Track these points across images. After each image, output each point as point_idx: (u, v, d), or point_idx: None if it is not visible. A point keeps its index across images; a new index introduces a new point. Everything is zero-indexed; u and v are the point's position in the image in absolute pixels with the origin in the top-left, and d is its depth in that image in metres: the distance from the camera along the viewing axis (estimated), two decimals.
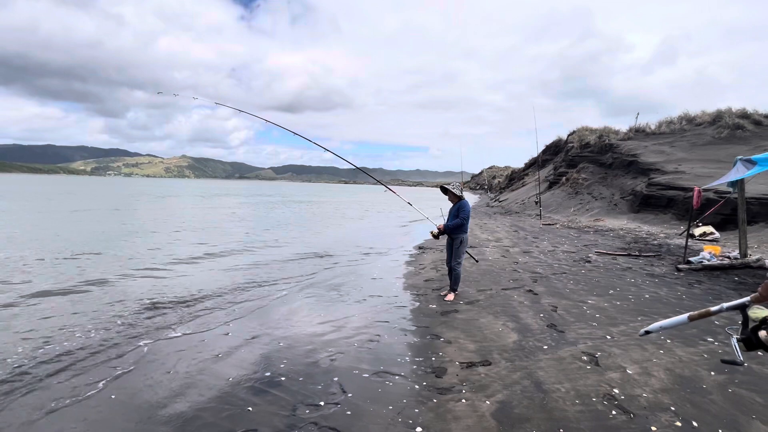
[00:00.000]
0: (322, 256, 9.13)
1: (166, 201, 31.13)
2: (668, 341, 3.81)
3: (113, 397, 2.92)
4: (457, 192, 5.20)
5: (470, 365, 3.38)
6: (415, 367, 3.37)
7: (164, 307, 5.13)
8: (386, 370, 3.31)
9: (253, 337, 4.11)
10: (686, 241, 7.08)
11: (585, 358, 3.46)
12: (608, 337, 3.94)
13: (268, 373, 3.28)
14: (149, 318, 4.73)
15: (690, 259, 6.92)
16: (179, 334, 4.23)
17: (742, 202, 6.77)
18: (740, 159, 6.52)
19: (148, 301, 5.36)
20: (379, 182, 6.89)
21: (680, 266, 6.68)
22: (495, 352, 3.62)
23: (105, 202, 27.44)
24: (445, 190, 5.36)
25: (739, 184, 6.68)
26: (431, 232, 5.40)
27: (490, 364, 3.38)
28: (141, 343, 3.93)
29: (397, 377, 3.19)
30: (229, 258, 8.83)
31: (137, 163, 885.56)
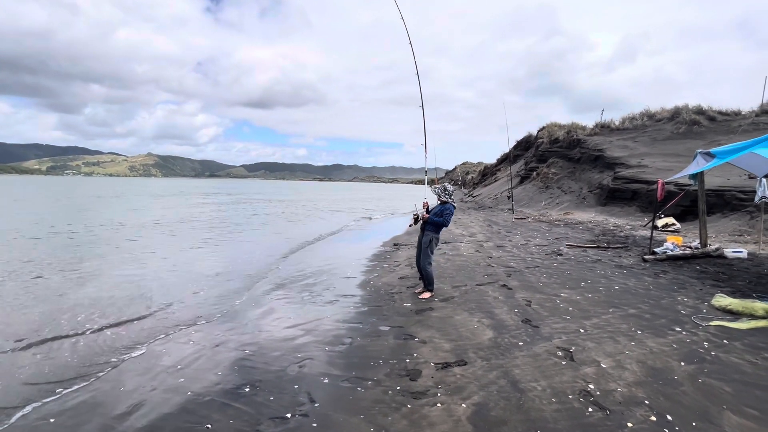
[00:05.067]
0: (292, 255, 8.85)
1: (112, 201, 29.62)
2: (639, 332, 3.85)
3: (53, 421, 2.61)
4: (435, 193, 5.21)
5: (445, 366, 3.27)
6: (388, 370, 3.22)
7: (114, 315, 4.76)
8: (358, 375, 3.14)
9: (216, 345, 3.85)
10: (651, 233, 7.31)
11: (560, 353, 3.42)
12: (582, 330, 3.93)
13: (231, 385, 3.05)
14: (98, 329, 4.35)
15: (655, 249, 7.14)
16: (133, 344, 3.90)
17: (702, 193, 7.03)
18: (700, 152, 6.76)
19: (95, 311, 4.96)
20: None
21: (646, 257, 6.88)
22: (470, 351, 3.53)
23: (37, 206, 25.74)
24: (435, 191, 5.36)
25: (699, 176, 6.92)
26: (414, 215, 5.34)
27: (465, 364, 3.28)
28: (88, 361, 3.59)
29: (369, 382, 3.03)
30: (192, 259, 8.40)
31: (98, 162, 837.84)
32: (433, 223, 5.08)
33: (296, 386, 2.99)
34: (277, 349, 3.70)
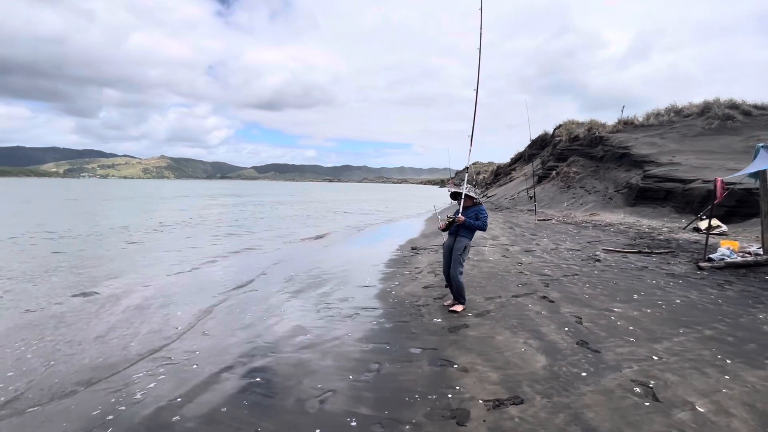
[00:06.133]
0: (305, 261, 8.32)
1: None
2: (728, 361, 3.18)
3: None
4: (472, 194, 4.52)
5: (498, 404, 2.66)
6: (428, 409, 2.63)
7: (113, 333, 4.28)
8: (392, 416, 2.56)
9: (222, 370, 3.31)
10: (707, 237, 6.55)
11: (638, 389, 2.78)
12: (654, 357, 3.28)
13: (236, 425, 2.50)
14: (86, 347, 3.87)
15: (711, 256, 6.38)
16: (129, 369, 3.39)
17: (765, 192, 6.25)
18: (763, 147, 5.99)
19: (88, 324, 4.48)
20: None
21: (702, 264, 6.13)
22: (524, 384, 2.91)
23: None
24: (455, 196, 4.67)
25: (762, 174, 6.15)
26: (448, 217, 4.61)
27: (522, 402, 2.67)
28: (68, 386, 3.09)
29: (407, 426, 2.45)
30: (202, 268, 7.94)
31: (113, 164, 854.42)
32: (471, 227, 4.45)
33: (318, 430, 2.43)
34: (292, 377, 3.14)
